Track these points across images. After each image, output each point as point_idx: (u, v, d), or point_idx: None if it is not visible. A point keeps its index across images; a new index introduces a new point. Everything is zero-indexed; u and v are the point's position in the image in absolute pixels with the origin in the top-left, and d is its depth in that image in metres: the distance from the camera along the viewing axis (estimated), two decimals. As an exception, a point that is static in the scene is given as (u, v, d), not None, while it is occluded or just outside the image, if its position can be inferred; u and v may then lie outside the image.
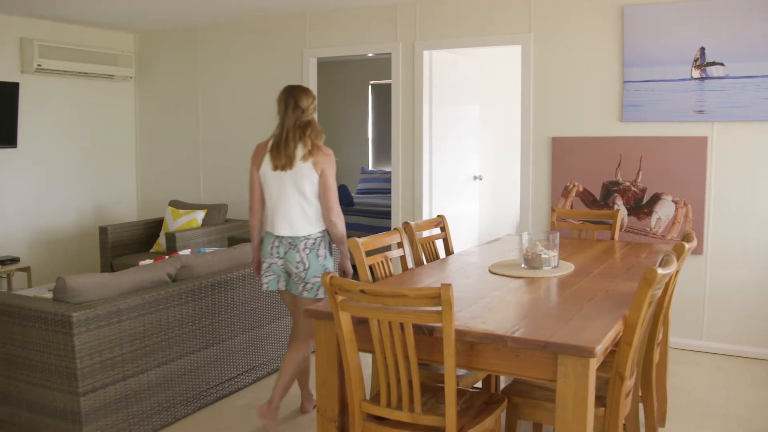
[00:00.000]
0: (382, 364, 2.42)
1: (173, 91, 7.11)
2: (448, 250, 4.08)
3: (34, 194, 6.47)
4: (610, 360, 2.57)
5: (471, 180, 6.63)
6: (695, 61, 4.63)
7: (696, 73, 4.64)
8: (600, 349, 2.17)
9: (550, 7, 5.13)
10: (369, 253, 3.30)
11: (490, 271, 3.31)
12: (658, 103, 4.78)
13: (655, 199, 4.87)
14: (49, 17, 6.30)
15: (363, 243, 3.25)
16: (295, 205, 3.41)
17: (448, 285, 2.20)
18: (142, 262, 3.89)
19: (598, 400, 2.52)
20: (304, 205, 3.42)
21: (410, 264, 3.61)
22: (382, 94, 9.71)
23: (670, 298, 3.20)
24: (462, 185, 6.47)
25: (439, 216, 4.16)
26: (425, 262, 3.79)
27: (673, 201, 4.81)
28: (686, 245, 2.98)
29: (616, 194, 4.99)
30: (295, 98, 3.43)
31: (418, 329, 2.39)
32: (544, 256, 3.28)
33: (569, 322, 2.43)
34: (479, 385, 3.41)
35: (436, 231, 4.15)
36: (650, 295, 2.38)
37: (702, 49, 4.61)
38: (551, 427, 3.15)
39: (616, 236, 4.32)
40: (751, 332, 4.69)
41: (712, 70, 4.59)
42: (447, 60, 5.98)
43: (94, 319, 3.18)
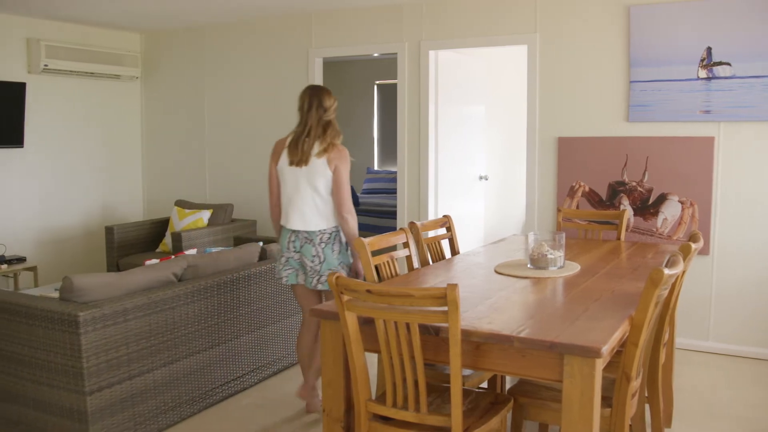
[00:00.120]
0: (388, 364, 2.42)
1: (179, 91, 7.12)
2: (454, 251, 4.08)
3: (40, 194, 6.50)
4: (617, 360, 2.56)
5: (477, 180, 6.63)
6: (702, 60, 4.62)
7: (703, 73, 4.63)
8: (606, 350, 2.16)
9: (557, 7, 5.12)
10: (375, 253, 3.30)
11: (496, 272, 3.31)
12: (665, 103, 4.77)
13: (662, 199, 4.86)
14: (56, 17, 6.33)
15: (369, 243, 3.25)
16: (309, 201, 3.52)
17: (454, 285, 2.20)
18: (148, 262, 3.90)
19: (604, 400, 2.52)
20: (318, 201, 3.53)
21: (416, 264, 3.61)
22: (388, 94, 9.72)
23: (677, 299, 3.19)
24: (468, 185, 6.46)
25: (444, 216, 4.16)
26: (431, 262, 3.79)
27: (680, 201, 4.80)
28: (693, 245, 2.98)
29: (623, 194, 4.98)
30: (319, 97, 3.55)
31: (424, 329, 2.39)
32: (550, 257, 3.27)
33: (575, 322, 2.42)
34: (485, 385, 3.41)
35: (442, 231, 4.15)
36: (657, 295, 2.37)
37: (709, 49, 4.59)
38: (557, 427, 3.14)
39: (622, 236, 4.31)
40: (758, 333, 4.67)
41: (719, 70, 4.58)
42: (453, 60, 5.98)
43: (101, 318, 3.19)
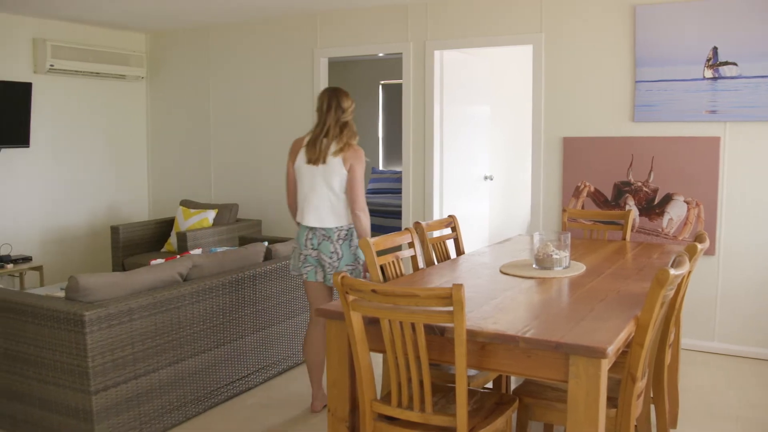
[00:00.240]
0: (393, 364, 2.42)
1: (184, 91, 7.14)
2: (459, 251, 4.08)
3: (46, 193, 6.51)
4: (622, 361, 2.56)
5: (482, 180, 6.62)
6: (708, 60, 4.61)
7: (708, 73, 4.61)
8: (612, 350, 2.16)
9: (562, 6, 5.12)
10: (380, 253, 3.30)
11: (501, 272, 3.31)
12: (670, 103, 4.76)
13: (667, 199, 4.85)
14: (62, 18, 6.34)
15: (374, 243, 3.25)
16: (324, 198, 3.63)
17: (460, 285, 2.19)
18: (153, 262, 3.90)
19: (610, 401, 2.51)
20: (333, 199, 3.63)
21: (421, 264, 3.60)
22: (393, 94, 9.71)
23: (682, 299, 3.19)
24: (473, 185, 6.46)
25: (450, 216, 4.16)
26: (436, 263, 3.79)
27: (685, 201, 4.79)
28: (698, 246, 2.97)
29: (628, 194, 4.97)
30: (338, 99, 3.67)
31: (429, 329, 2.39)
32: (555, 257, 3.27)
33: (581, 322, 2.42)
34: (490, 385, 3.40)
35: (447, 231, 4.15)
36: (662, 295, 2.37)
37: (715, 49, 4.58)
38: (562, 427, 3.14)
39: (628, 237, 4.31)
40: (764, 333, 4.66)
41: (725, 70, 4.56)
42: (458, 60, 5.97)
43: (106, 318, 3.20)
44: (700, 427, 3.63)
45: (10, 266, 5.89)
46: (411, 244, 3.61)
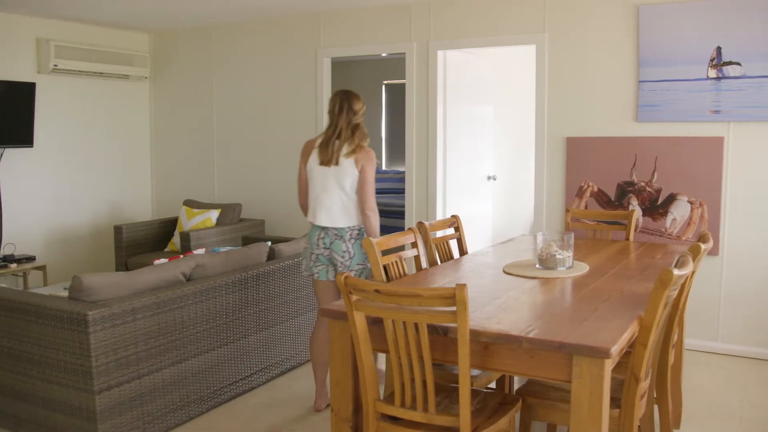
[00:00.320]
0: (397, 364, 2.42)
1: (188, 91, 7.14)
2: (462, 251, 4.08)
3: (49, 193, 6.52)
4: (625, 361, 2.56)
5: (485, 180, 6.62)
6: (711, 60, 4.60)
7: (712, 73, 4.61)
8: (615, 350, 2.16)
9: (565, 6, 5.11)
10: (383, 253, 3.30)
11: (505, 272, 3.30)
12: (674, 103, 4.75)
13: (671, 199, 4.84)
14: (65, 18, 6.35)
15: (377, 243, 3.25)
16: (336, 199, 3.70)
17: (463, 285, 2.19)
18: (156, 262, 3.91)
19: (613, 401, 2.51)
20: (344, 199, 3.70)
21: (424, 264, 3.60)
22: (396, 93, 9.71)
23: (686, 300, 3.18)
24: (476, 185, 6.46)
25: (453, 216, 4.15)
26: (439, 262, 3.79)
27: (689, 201, 4.78)
28: (702, 246, 2.97)
29: (631, 195, 4.96)
30: (350, 101, 3.78)
31: (432, 329, 2.39)
32: (558, 257, 3.27)
33: (584, 322, 2.42)
34: (493, 385, 3.40)
35: (450, 231, 4.14)
36: (666, 296, 2.36)
37: (718, 49, 4.57)
38: (565, 428, 3.14)
39: (631, 237, 4.30)
40: (767, 334, 4.66)
41: (729, 70, 4.56)
42: (461, 60, 5.97)
43: (110, 317, 3.20)
44: (704, 428, 3.62)
45: (13, 266, 5.90)
46: (414, 244, 3.61)
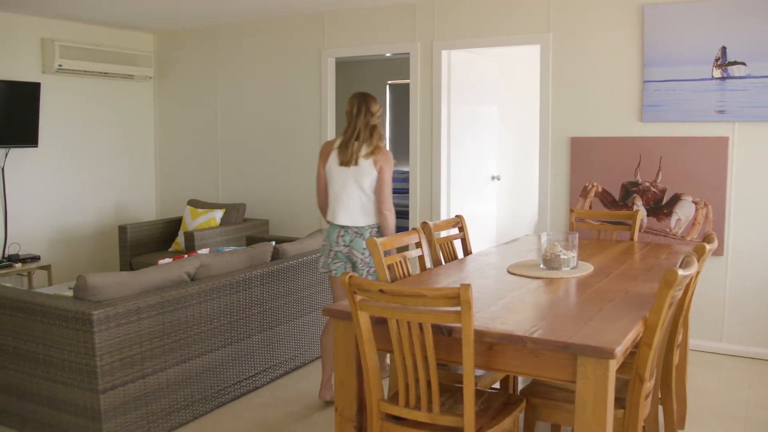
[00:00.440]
0: (401, 364, 2.42)
1: (192, 91, 7.15)
2: (467, 251, 4.07)
3: (54, 193, 6.54)
4: (630, 361, 2.55)
5: (489, 180, 6.61)
6: (716, 60, 4.59)
7: (717, 73, 4.60)
8: (620, 351, 2.15)
9: (570, 6, 5.10)
10: (387, 253, 3.30)
11: (509, 272, 3.30)
12: (679, 103, 4.74)
13: (675, 199, 4.83)
14: (70, 18, 6.37)
15: (381, 243, 3.25)
16: (355, 198, 3.82)
17: (468, 285, 2.19)
18: (161, 261, 3.91)
19: (618, 401, 2.51)
20: (363, 199, 3.82)
21: (428, 264, 3.60)
22: (400, 93, 9.70)
23: (691, 300, 3.18)
24: (480, 185, 6.45)
25: (457, 216, 4.15)
26: (443, 263, 3.79)
27: (693, 202, 4.77)
28: (707, 246, 2.96)
29: (636, 195, 4.96)
30: (367, 104, 3.90)
31: (436, 329, 2.38)
32: (563, 257, 3.26)
33: (589, 323, 2.41)
34: (497, 385, 3.40)
35: (455, 231, 4.14)
36: (671, 296, 2.36)
37: (723, 49, 4.56)
38: (570, 428, 3.14)
39: (636, 237, 4.29)
40: (773, 335, 4.64)
41: (734, 70, 4.54)
42: (465, 60, 5.97)
43: (114, 317, 3.21)
44: (708, 428, 3.61)
45: (18, 265, 5.91)
46: (418, 244, 3.61)
